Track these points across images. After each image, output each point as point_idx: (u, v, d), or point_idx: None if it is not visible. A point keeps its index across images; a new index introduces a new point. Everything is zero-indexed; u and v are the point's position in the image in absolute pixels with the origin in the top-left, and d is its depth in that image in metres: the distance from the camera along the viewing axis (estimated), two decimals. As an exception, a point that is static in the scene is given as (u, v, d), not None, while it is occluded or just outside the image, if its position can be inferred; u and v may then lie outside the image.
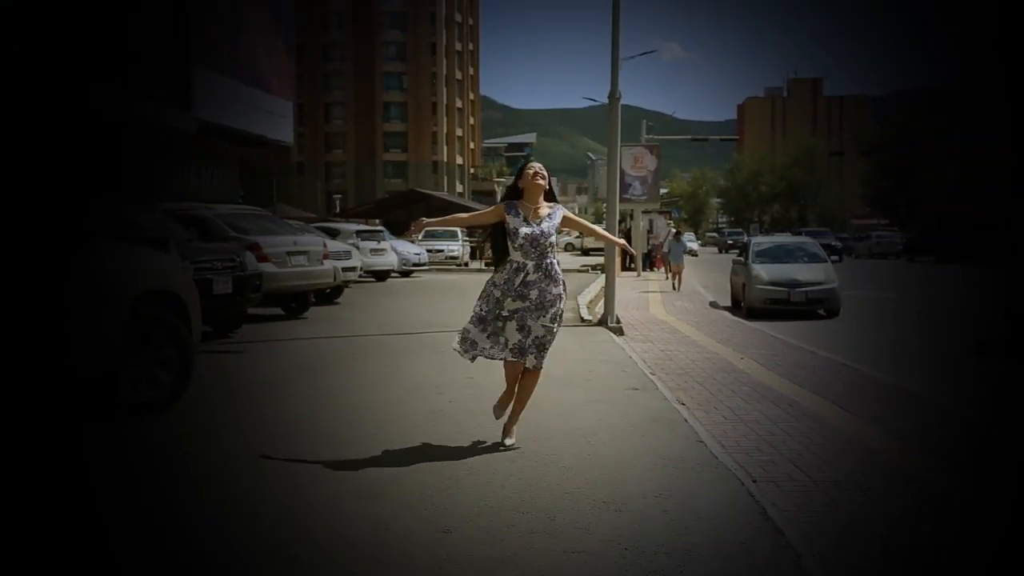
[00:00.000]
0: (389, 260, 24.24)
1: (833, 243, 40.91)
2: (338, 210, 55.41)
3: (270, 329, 11.97)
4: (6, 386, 5.40)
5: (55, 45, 14.48)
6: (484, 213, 5.64)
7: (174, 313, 6.50)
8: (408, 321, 13.19)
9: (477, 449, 5.36)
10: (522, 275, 5.23)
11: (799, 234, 33.31)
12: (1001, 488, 4.64)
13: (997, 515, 4.22)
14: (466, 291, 20.15)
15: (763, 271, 15.89)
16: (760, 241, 18.37)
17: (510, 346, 5.28)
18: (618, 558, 3.60)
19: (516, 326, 5.25)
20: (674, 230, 26.89)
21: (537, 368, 5.37)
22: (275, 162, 44.09)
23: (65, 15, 14.97)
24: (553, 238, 5.34)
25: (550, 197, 5.44)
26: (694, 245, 55.45)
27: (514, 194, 5.45)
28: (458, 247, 33.17)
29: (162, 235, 8.30)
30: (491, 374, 7.85)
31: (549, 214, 5.37)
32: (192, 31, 20.08)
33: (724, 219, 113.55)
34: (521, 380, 5.44)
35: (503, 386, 5.53)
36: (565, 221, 5.52)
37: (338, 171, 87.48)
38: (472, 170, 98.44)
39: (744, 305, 16.00)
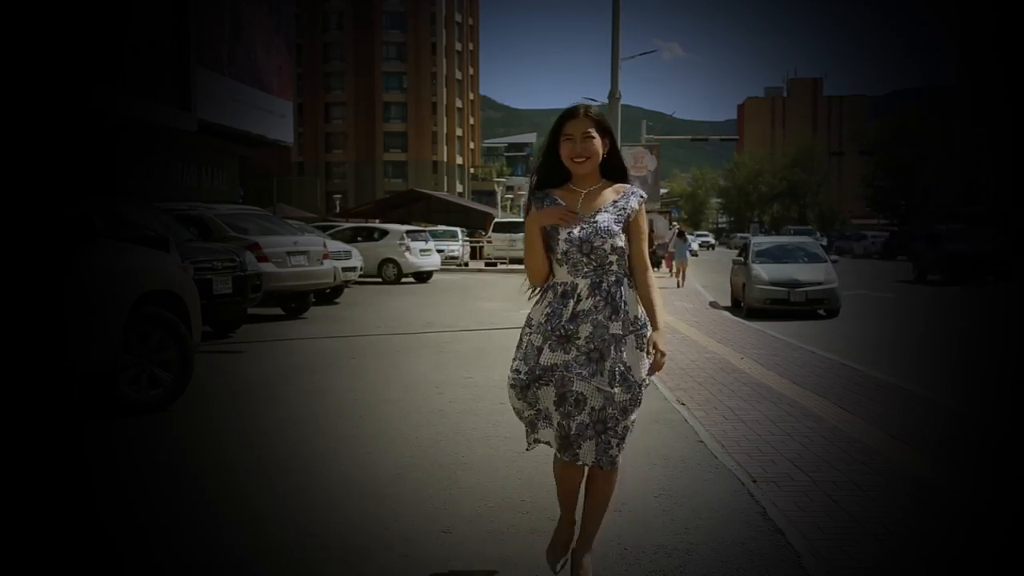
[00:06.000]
0: (434, 261, 24.51)
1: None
2: (338, 210, 55.34)
3: (270, 329, 11.97)
4: (6, 385, 5.39)
5: (55, 45, 14.47)
6: (528, 234, 3.26)
7: (174, 313, 6.51)
8: (408, 321, 13.19)
9: (477, 449, 5.36)
10: (571, 303, 3.15)
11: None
12: (1001, 488, 4.63)
13: (997, 515, 4.21)
14: (466, 291, 20.17)
15: (763, 271, 15.90)
16: (760, 241, 18.38)
17: (553, 427, 3.18)
18: (618, 558, 3.60)
19: (554, 395, 3.13)
20: (678, 229, 26.92)
21: (604, 466, 3.17)
22: (275, 162, 44.08)
23: (65, 14, 14.96)
24: (619, 240, 3.17)
25: (617, 173, 3.28)
26: (695, 245, 55.58)
27: (550, 175, 3.26)
28: (458, 247, 33.20)
29: (162, 235, 8.29)
30: (490, 373, 7.86)
31: (614, 201, 3.22)
32: (192, 31, 20.09)
33: (724, 219, 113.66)
34: (587, 485, 3.31)
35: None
36: (633, 223, 3.21)
37: (338, 171, 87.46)
38: (472, 170, 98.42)
39: (744, 305, 16.00)
